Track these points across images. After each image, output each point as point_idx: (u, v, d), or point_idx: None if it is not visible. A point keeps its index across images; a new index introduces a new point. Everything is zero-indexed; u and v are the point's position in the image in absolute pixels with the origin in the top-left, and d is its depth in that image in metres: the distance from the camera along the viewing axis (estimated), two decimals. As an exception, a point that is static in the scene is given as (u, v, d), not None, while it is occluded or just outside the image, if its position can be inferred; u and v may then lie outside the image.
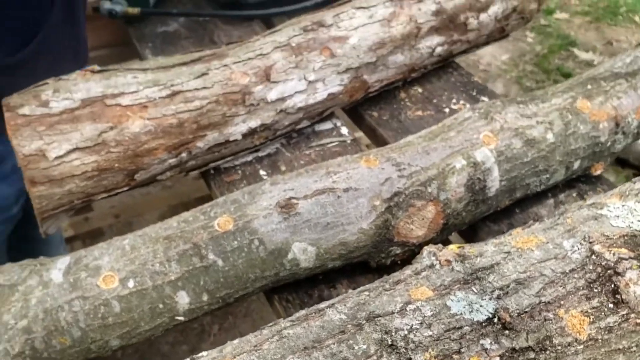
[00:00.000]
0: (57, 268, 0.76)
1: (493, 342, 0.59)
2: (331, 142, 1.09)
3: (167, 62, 0.96)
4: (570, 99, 0.94)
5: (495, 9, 1.19)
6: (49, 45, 0.99)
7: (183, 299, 0.75)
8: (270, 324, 0.62)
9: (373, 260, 0.84)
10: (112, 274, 0.74)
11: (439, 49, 1.16)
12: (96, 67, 0.91)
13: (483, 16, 1.18)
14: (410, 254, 0.84)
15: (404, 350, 0.57)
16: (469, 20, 1.17)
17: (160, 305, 0.75)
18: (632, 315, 0.61)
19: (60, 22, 0.99)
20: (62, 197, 0.86)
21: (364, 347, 0.57)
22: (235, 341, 0.60)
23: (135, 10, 1.31)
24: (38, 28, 0.96)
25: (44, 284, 0.74)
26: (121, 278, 0.74)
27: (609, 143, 0.95)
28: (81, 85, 0.87)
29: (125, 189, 0.91)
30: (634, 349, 0.62)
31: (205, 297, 0.77)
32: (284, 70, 0.99)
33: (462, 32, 1.17)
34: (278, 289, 0.85)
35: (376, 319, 0.59)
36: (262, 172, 1.03)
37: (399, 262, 0.85)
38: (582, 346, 0.60)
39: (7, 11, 0.92)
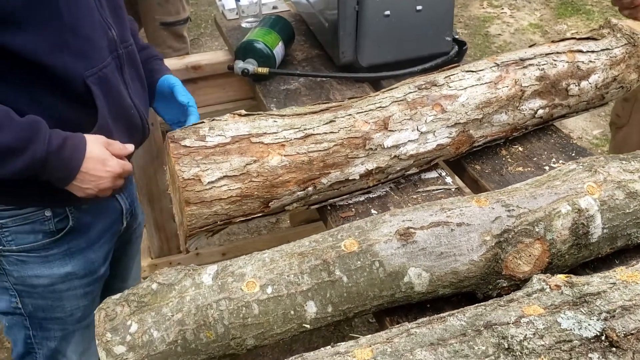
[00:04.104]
0: (207, 273, 0.89)
1: (601, 357, 0.65)
2: (436, 189, 1.19)
3: (301, 110, 1.11)
4: (672, 157, 1.00)
5: (596, 78, 1.28)
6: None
7: (311, 308, 0.86)
8: (397, 325, 0.71)
9: (480, 291, 0.92)
10: (254, 280, 0.86)
11: (540, 111, 1.25)
12: (243, 112, 1.07)
13: (584, 83, 1.27)
14: (515, 288, 0.91)
15: (519, 354, 0.64)
16: (570, 87, 1.26)
17: (292, 312, 0.85)
18: None
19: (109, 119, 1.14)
20: (208, 217, 1.00)
21: (483, 348, 0.65)
22: (368, 336, 0.70)
23: (264, 70, 1.50)
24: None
25: (196, 285, 0.87)
26: (261, 285, 0.86)
27: None
28: (232, 125, 1.03)
29: (259, 215, 1.05)
30: None
31: (329, 309, 0.87)
32: (399, 121, 1.12)
33: (564, 97, 1.27)
34: (390, 311, 0.94)
35: (493, 326, 0.68)
36: (373, 211, 1.14)
37: (503, 295, 0.92)
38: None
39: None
